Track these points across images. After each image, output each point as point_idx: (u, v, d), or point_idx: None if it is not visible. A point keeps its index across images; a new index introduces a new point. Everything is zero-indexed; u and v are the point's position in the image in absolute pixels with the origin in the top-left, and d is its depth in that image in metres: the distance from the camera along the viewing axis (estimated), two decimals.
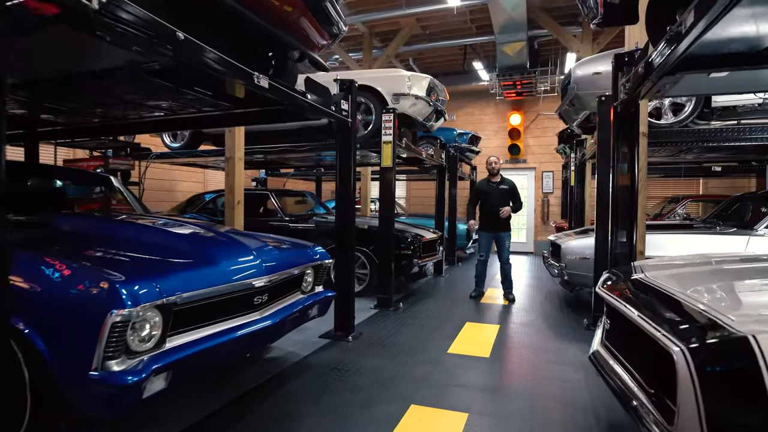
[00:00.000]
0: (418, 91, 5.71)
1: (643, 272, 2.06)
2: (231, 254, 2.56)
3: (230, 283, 2.34)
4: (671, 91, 2.74)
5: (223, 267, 2.38)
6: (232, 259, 2.50)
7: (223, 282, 2.30)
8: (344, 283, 4.11)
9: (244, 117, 4.00)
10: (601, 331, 2.21)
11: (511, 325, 4.68)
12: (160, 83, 2.60)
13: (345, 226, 4.10)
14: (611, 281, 2.15)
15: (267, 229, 6.29)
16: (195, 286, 2.14)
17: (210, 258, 2.40)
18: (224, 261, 2.44)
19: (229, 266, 2.43)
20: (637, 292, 1.75)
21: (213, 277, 2.28)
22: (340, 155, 4.06)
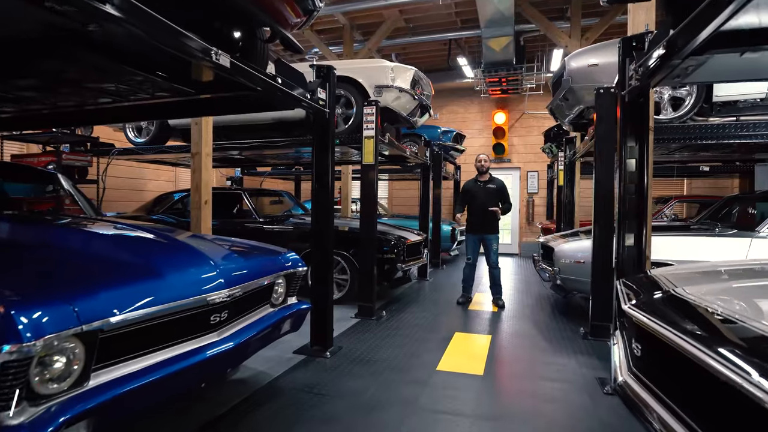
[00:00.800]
0: (402, 84, 5.33)
1: (677, 286, 1.71)
2: (181, 264, 2.13)
3: (179, 300, 1.91)
4: (692, 77, 2.42)
5: (170, 281, 1.95)
6: (182, 271, 2.07)
7: (169, 299, 1.87)
8: (322, 292, 3.70)
9: (208, 106, 3.57)
10: (625, 356, 1.86)
11: (503, 335, 4.34)
12: (95, 58, 2.16)
13: (322, 228, 3.70)
14: (638, 297, 1.79)
15: (240, 231, 5.84)
16: (130, 306, 1.71)
17: (154, 270, 1.97)
18: (172, 273, 2.01)
19: (178, 279, 2.00)
20: (688, 316, 1.39)
21: (156, 294, 1.85)
22: (317, 150, 3.65)
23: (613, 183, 4.18)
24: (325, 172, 3.63)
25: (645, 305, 1.60)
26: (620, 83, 3.03)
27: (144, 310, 1.75)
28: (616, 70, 4.55)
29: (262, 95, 3.01)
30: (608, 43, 4.77)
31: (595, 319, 4.18)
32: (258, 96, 3.14)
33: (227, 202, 6.21)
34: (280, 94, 2.94)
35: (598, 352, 3.81)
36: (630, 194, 3.04)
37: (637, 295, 1.82)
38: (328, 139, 3.62)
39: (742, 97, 4.46)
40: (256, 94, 3.04)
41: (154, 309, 1.80)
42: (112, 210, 7.55)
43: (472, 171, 11.97)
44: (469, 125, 12.31)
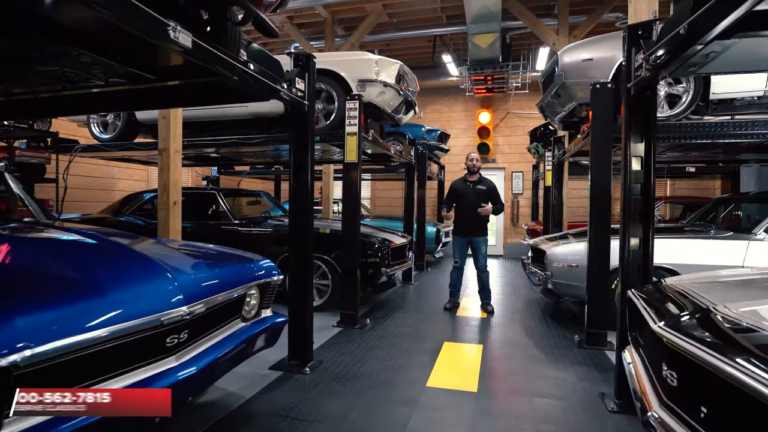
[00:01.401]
0: (386, 78, 5.05)
1: (716, 303, 1.46)
2: (131, 278, 1.80)
3: (124, 322, 1.58)
4: (710, 66, 2.20)
5: (114, 299, 1.63)
6: (130, 286, 1.75)
7: (111, 321, 1.55)
8: (301, 301, 3.39)
9: (175, 96, 3.23)
10: (651, 383, 1.60)
11: (494, 344, 4.08)
12: (25, 31, 1.81)
13: (301, 231, 3.38)
14: (667, 314, 1.54)
15: (214, 234, 5.48)
16: (57, 333, 1.38)
17: (95, 286, 1.64)
18: (118, 289, 1.68)
19: (125, 296, 1.67)
20: (750, 347, 1.13)
21: (95, 316, 1.52)
22: (296, 146, 3.34)
23: (610, 183, 4.00)
24: (304, 169, 3.32)
25: (684, 327, 1.35)
26: (625, 75, 2.79)
27: (77, 337, 1.42)
28: (611, 65, 4.39)
29: (234, 84, 2.69)
30: (603, 37, 4.58)
31: (591, 327, 3.96)
32: (229, 86, 2.82)
33: (200, 203, 5.83)
34: (252, 82, 2.62)
35: (596, 362, 3.58)
36: (635, 195, 2.80)
37: (665, 312, 1.57)
38: (308, 134, 3.31)
39: (740, 94, 4.30)
40: (227, 83, 2.72)
41: (92, 335, 1.47)
42: (78, 211, 7.07)
43: (456, 171, 11.82)
44: (454, 125, 12.10)
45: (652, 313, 1.59)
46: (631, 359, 2.04)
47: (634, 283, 2.82)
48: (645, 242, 2.80)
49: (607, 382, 3.15)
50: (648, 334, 1.77)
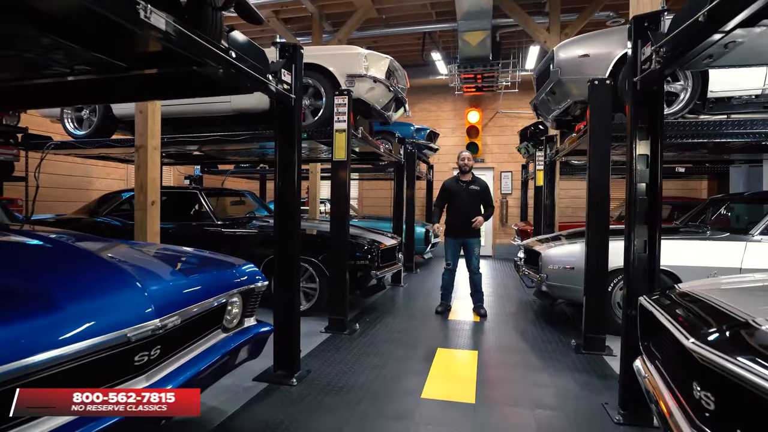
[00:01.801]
0: (376, 73, 4.86)
1: (755, 316, 1.30)
2: (93, 290, 1.59)
3: (83, 341, 1.37)
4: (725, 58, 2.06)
5: (71, 314, 1.42)
6: (92, 298, 1.53)
7: (67, 341, 1.34)
8: (287, 307, 3.18)
9: (150, 87, 3.00)
10: (677, 404, 1.44)
11: (490, 350, 3.93)
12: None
13: (288, 232, 3.18)
14: (697, 328, 1.38)
15: (196, 235, 5.24)
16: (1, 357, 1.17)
17: (50, 300, 1.43)
18: (77, 303, 1.47)
19: (83, 310, 1.46)
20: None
21: (47, 335, 1.31)
22: (282, 143, 3.14)
23: (608, 182, 3.87)
24: (290, 167, 3.11)
25: (724, 345, 1.19)
26: (631, 69, 2.65)
27: (23, 361, 1.21)
28: (608, 62, 4.27)
29: (215, 74, 2.48)
30: (600, 33, 4.46)
31: (589, 331, 3.83)
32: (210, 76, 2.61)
33: (182, 203, 5.57)
34: (235, 72, 2.42)
35: (595, 368, 3.45)
36: (641, 195, 2.66)
37: (694, 325, 1.41)
38: (294, 130, 3.11)
39: (737, 93, 4.21)
40: (207, 74, 2.51)
41: (41, 357, 1.26)
42: (51, 212, 6.75)
43: (445, 171, 11.70)
44: (442, 124, 11.97)
45: (679, 325, 1.43)
46: (646, 372, 1.89)
47: (639, 288, 2.70)
48: (651, 245, 2.66)
49: (609, 390, 3.01)
50: (670, 346, 1.61)
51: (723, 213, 5.24)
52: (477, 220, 4.98)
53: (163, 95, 3.40)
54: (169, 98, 3.93)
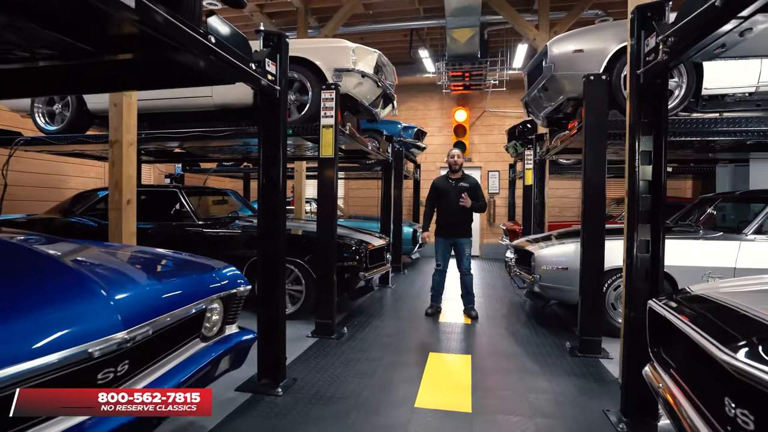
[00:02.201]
0: (364, 68, 4.70)
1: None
2: (46, 300, 1.39)
3: (32, 360, 1.19)
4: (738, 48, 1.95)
5: (18, 330, 1.23)
6: (44, 310, 1.34)
7: (12, 359, 1.15)
8: (272, 312, 3.00)
9: (124, 76, 2.79)
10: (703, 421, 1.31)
11: (483, 354, 3.79)
12: None
13: (272, 232, 2.99)
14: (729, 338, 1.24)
15: (175, 236, 5.01)
16: None
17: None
18: (25, 316, 1.28)
19: (35, 324, 1.27)
20: None
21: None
22: (266, 137, 2.95)
23: (604, 181, 3.77)
24: (275, 163, 2.93)
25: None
26: (633, 62, 2.53)
27: None
28: (602, 57, 4.16)
29: (192, 62, 2.29)
30: (594, 28, 4.37)
31: (584, 333, 3.72)
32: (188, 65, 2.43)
33: (161, 203, 5.33)
34: (214, 59, 2.23)
35: (593, 372, 3.34)
36: (643, 194, 2.55)
37: (723, 334, 1.28)
38: (279, 124, 2.92)
39: (732, 90, 4.15)
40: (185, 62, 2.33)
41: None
42: (22, 211, 6.43)
43: (432, 170, 11.58)
44: (429, 123, 11.85)
45: (707, 334, 1.30)
46: (659, 381, 1.76)
47: (641, 290, 2.59)
48: (655, 245, 2.55)
49: (609, 396, 2.90)
50: (691, 356, 1.48)
51: (714, 212, 5.20)
52: (465, 200, 4.82)
53: (138, 85, 3.18)
54: (145, 89, 3.71)
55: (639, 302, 2.60)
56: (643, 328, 2.57)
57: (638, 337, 2.55)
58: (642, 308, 2.62)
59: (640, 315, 2.58)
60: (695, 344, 1.37)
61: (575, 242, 4.38)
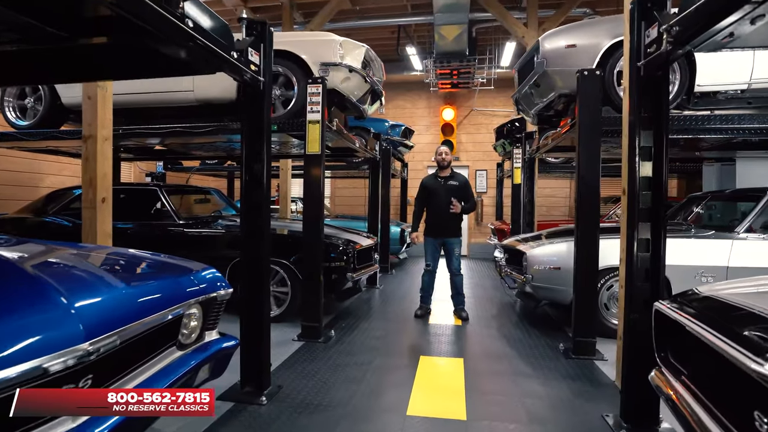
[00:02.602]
0: (351, 62, 4.55)
1: None
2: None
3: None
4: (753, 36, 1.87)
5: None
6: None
7: None
8: (255, 316, 2.84)
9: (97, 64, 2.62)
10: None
11: (476, 357, 3.68)
12: None
13: (256, 231, 2.84)
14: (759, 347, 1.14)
15: (154, 237, 4.81)
16: None
17: None
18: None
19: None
20: None
21: None
22: (249, 132, 2.80)
23: (599, 179, 3.69)
24: (258, 159, 2.78)
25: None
26: (634, 54, 2.44)
27: None
28: (595, 53, 4.08)
29: (167, 48, 2.14)
30: (587, 23, 4.30)
31: (578, 335, 3.64)
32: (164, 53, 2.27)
33: (140, 201, 5.12)
34: (192, 45, 2.07)
35: (587, 375, 3.25)
36: (644, 191, 2.46)
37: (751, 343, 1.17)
38: (263, 118, 2.77)
39: (724, 87, 4.11)
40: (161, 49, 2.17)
41: None
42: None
43: (420, 169, 11.47)
44: (417, 121, 11.74)
45: (734, 342, 1.19)
46: (669, 389, 1.66)
47: (641, 291, 2.50)
48: (655, 244, 2.46)
49: (606, 399, 2.81)
50: (711, 363, 1.38)
51: (704, 210, 5.17)
52: (455, 207, 4.73)
53: (112, 74, 3.00)
54: (120, 78, 3.51)
55: (639, 304, 2.52)
56: (643, 331, 2.50)
57: (639, 340, 2.47)
58: (642, 310, 2.54)
59: (640, 317, 2.50)
60: (715, 351, 1.26)
61: (567, 241, 4.31)
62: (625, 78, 2.99)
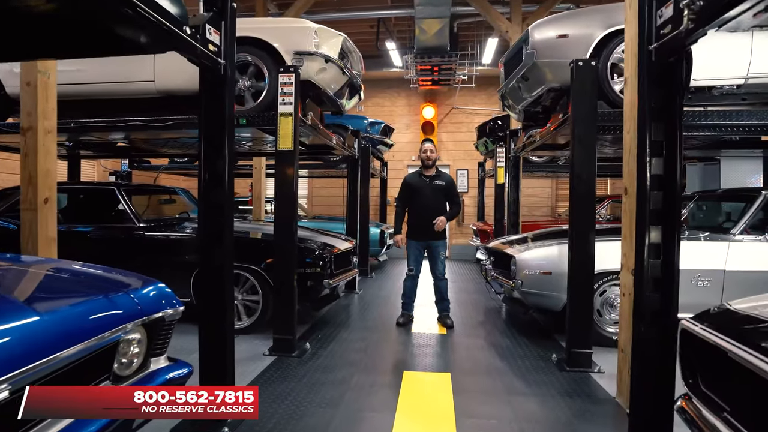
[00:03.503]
0: (328, 51, 4.21)
1: None
2: None
3: None
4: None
5: None
6: None
7: None
8: (217, 336, 2.48)
9: (30, 39, 2.23)
10: None
11: (464, 371, 3.38)
12: None
13: (215, 234, 2.47)
14: None
15: (109, 241, 4.39)
16: None
17: None
18: None
19: None
20: None
21: None
22: (208, 121, 2.44)
23: (594, 177, 3.44)
24: (219, 155, 2.42)
25: None
26: (644, 37, 2.18)
27: None
28: (589, 43, 3.82)
29: (102, 17, 1.77)
30: (579, 11, 4.08)
31: (573, 345, 3.38)
32: (103, 26, 1.91)
33: (95, 202, 4.68)
34: (132, 14, 1.71)
35: (587, 390, 3.00)
36: (655, 190, 2.20)
37: None
38: (224, 107, 2.41)
39: (720, 82, 3.92)
40: (99, 20, 1.80)
41: None
42: None
43: (399, 168, 11.17)
44: (396, 119, 11.43)
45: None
46: (707, 427, 1.38)
47: (650, 303, 2.24)
48: (669, 249, 2.20)
49: (609, 419, 2.57)
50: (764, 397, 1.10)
51: (695, 211, 5.00)
52: (439, 221, 4.45)
53: (48, 53, 2.59)
54: (57, 57, 3.07)
55: (647, 316, 2.26)
56: (653, 346, 2.24)
57: (648, 358, 2.21)
58: (651, 323, 2.29)
59: (650, 331, 2.24)
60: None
61: (559, 244, 4.07)
62: (627, 66, 2.74)
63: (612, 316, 3.94)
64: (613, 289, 3.93)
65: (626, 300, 2.78)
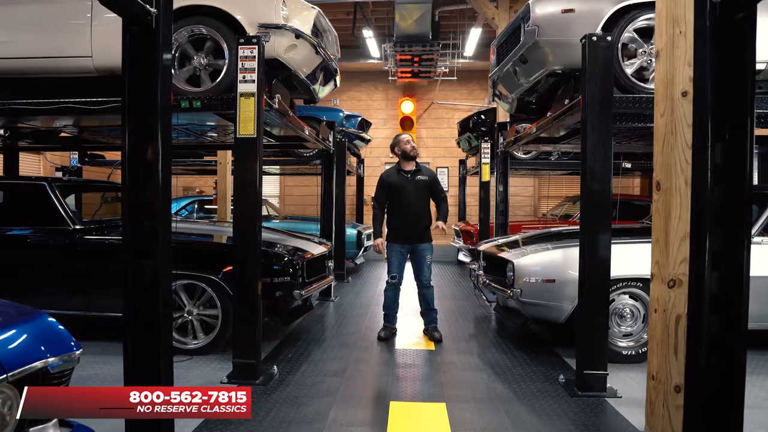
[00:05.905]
0: (300, 26, 3.63)
1: None
2: None
3: None
4: None
5: None
6: None
7: None
8: (147, 366, 1.88)
9: None
10: None
11: (460, 398, 2.85)
12: None
13: (144, 246, 1.87)
14: None
15: (40, 247, 3.70)
16: None
17: None
18: None
19: None
20: None
21: None
22: (132, 99, 1.84)
23: (611, 173, 2.98)
24: (150, 139, 1.82)
25: None
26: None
27: None
28: (598, 20, 3.32)
29: None
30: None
31: (586, 366, 2.90)
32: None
33: (21, 201, 3.97)
34: None
35: (607, 423, 2.53)
36: (719, 184, 1.72)
37: None
38: (155, 76, 1.81)
39: None
40: None
41: None
42: None
43: (377, 165, 10.61)
44: (374, 114, 10.88)
45: None
46: None
47: (710, 322, 1.76)
48: (729, 257, 1.73)
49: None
50: None
51: None
52: (437, 226, 4.00)
53: None
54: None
55: (703, 342, 1.79)
56: (710, 385, 1.78)
57: (707, 399, 1.74)
58: (709, 351, 1.82)
59: (710, 360, 1.77)
60: None
61: (564, 248, 3.61)
62: (660, 35, 2.26)
63: (621, 329, 3.51)
64: (621, 298, 3.50)
65: (659, 318, 2.30)
